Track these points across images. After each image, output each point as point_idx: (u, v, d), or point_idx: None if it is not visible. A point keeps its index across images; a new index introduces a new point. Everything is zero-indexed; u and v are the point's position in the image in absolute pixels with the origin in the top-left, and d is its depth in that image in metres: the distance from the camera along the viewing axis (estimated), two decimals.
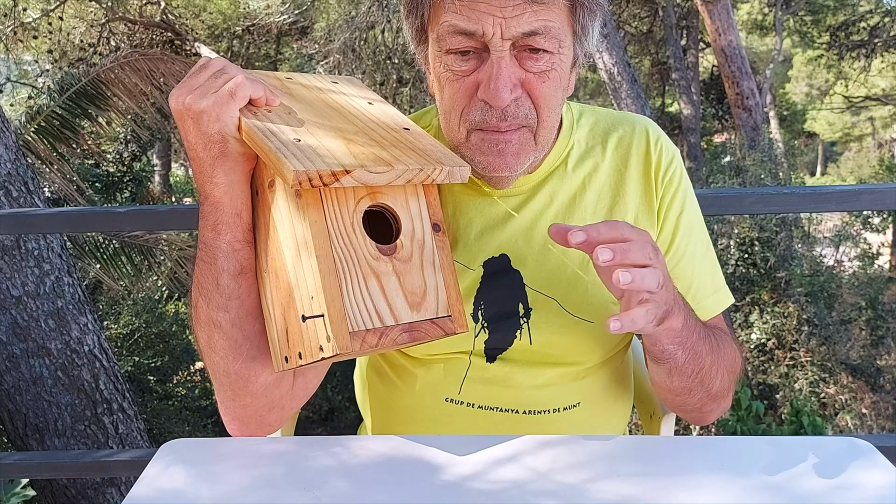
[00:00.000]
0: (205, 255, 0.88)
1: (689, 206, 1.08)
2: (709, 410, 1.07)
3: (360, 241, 0.83)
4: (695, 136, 12.16)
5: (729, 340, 1.07)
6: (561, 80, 0.96)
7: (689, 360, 0.96)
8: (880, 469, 0.83)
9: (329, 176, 0.77)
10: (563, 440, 0.93)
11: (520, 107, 0.93)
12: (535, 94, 0.94)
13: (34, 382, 3.11)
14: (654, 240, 1.04)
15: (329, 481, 0.83)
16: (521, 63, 0.92)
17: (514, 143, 0.95)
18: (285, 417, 1.01)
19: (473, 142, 0.96)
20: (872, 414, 7.78)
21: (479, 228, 1.05)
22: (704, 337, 0.98)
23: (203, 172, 0.85)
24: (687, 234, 1.07)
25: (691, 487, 0.80)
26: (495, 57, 0.90)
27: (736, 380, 1.07)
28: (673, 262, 1.06)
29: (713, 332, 1.04)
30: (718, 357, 1.01)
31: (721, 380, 1.02)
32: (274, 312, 0.86)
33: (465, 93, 0.94)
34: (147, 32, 10.80)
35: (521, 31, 0.89)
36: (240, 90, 0.82)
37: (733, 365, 1.05)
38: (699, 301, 1.07)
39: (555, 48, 0.92)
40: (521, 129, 0.95)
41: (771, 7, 14.11)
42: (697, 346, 0.96)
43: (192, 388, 7.41)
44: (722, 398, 1.05)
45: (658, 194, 1.05)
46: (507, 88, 0.90)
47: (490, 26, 0.88)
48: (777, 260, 8.01)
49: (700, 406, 1.05)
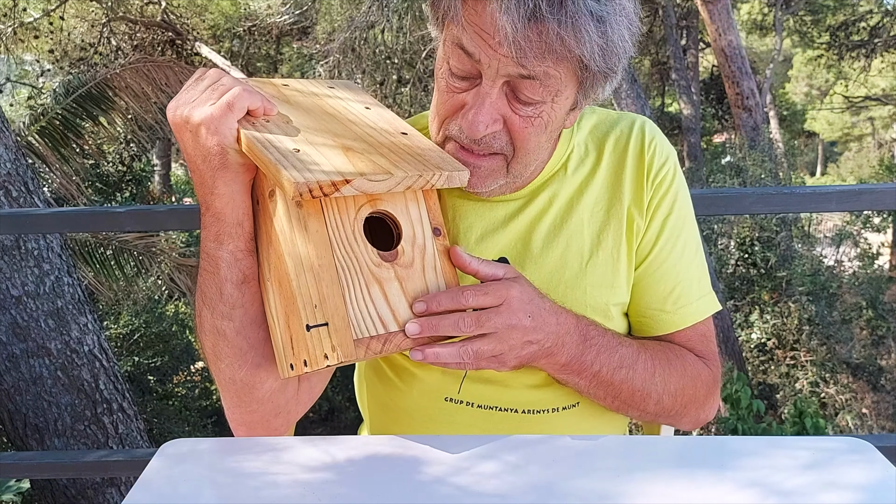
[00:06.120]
0: (207, 265, 0.88)
1: (678, 209, 1.06)
2: (670, 422, 1.06)
3: (361, 248, 0.83)
4: (695, 136, 12.15)
5: (687, 359, 1.05)
6: (547, 126, 0.94)
7: (595, 387, 0.98)
8: (880, 469, 0.83)
9: (329, 186, 0.77)
10: (562, 440, 0.93)
11: (495, 139, 0.93)
12: (515, 134, 0.93)
13: (34, 382, 3.11)
14: (640, 239, 1.05)
15: (329, 481, 0.83)
16: (510, 100, 0.91)
17: (484, 169, 0.96)
18: (291, 421, 1.01)
19: (448, 150, 0.96)
20: (872, 414, 7.78)
21: (479, 233, 1.05)
22: (626, 365, 0.97)
23: (203, 184, 0.85)
24: (673, 236, 1.06)
25: (691, 487, 0.80)
26: (483, 91, 0.89)
27: (701, 397, 1.05)
28: (655, 265, 1.05)
29: (659, 353, 1.02)
30: (652, 380, 0.99)
31: (660, 402, 1.01)
32: (278, 320, 0.86)
33: (451, 106, 0.94)
34: (148, 32, 10.81)
35: (517, 73, 0.87)
36: (237, 101, 0.82)
37: (685, 387, 1.03)
38: (681, 305, 1.06)
39: (548, 98, 0.90)
40: (493, 156, 0.95)
41: (771, 7, 14.11)
42: (607, 376, 0.96)
43: (192, 388, 7.41)
44: (671, 416, 1.04)
45: (648, 195, 1.05)
46: (484, 124, 0.90)
47: (487, 58, 0.87)
48: (777, 260, 8.01)
49: (651, 419, 1.05)
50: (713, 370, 1.07)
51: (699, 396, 1.05)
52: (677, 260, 1.06)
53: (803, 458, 0.86)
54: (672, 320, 1.06)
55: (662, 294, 1.06)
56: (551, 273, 1.03)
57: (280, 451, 0.90)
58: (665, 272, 1.06)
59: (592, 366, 0.95)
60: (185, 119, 0.83)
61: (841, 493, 0.79)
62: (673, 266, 1.06)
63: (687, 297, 1.06)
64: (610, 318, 1.04)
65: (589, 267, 1.04)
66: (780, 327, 8.01)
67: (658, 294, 1.06)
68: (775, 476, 0.82)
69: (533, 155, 0.97)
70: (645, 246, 1.05)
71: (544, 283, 1.03)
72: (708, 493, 0.79)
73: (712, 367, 1.07)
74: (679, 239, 1.06)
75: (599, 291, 1.04)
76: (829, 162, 28.82)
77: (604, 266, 1.04)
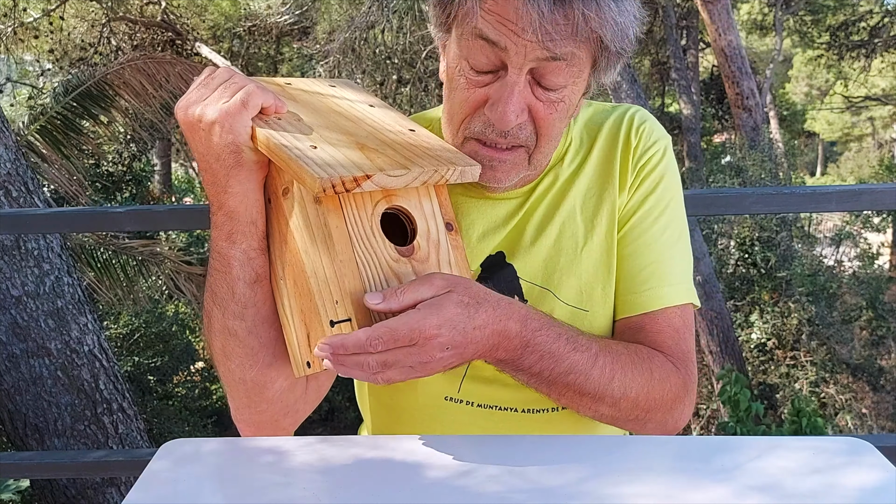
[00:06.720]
0: (219, 264, 0.88)
1: (661, 190, 1.04)
2: (633, 427, 1.01)
3: (379, 243, 0.84)
4: (695, 136, 12.14)
5: (654, 362, 0.98)
6: (568, 110, 0.95)
7: (536, 385, 0.92)
8: (880, 469, 0.83)
9: (351, 181, 0.77)
10: (563, 439, 0.93)
11: (521, 130, 0.93)
12: (539, 122, 0.93)
13: (34, 382, 3.11)
14: (619, 214, 1.03)
15: (329, 481, 0.83)
16: (533, 89, 0.91)
17: (508, 163, 0.95)
18: (299, 420, 1.01)
19: (467, 150, 0.96)
20: (872, 414, 7.79)
21: (480, 231, 1.05)
22: (577, 371, 0.91)
23: (216, 183, 0.84)
24: (651, 216, 1.03)
25: (691, 487, 0.80)
26: (511, 80, 0.89)
27: (668, 402, 0.98)
28: (627, 240, 1.03)
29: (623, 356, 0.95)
30: (609, 385, 0.93)
31: (616, 406, 0.94)
32: (293, 318, 0.86)
33: (472, 103, 0.93)
34: (148, 32, 10.81)
35: (546, 55, 0.87)
36: (252, 99, 0.82)
37: (649, 392, 0.96)
38: (650, 287, 1.02)
39: (571, 80, 0.91)
40: (518, 150, 0.95)
41: (771, 7, 14.11)
42: (549, 378, 0.90)
43: (192, 388, 7.42)
44: (633, 421, 0.98)
45: (632, 175, 1.04)
46: (514, 114, 0.90)
47: (514, 45, 0.87)
48: (777, 260, 8.01)
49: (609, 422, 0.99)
50: (683, 373, 1.00)
51: (666, 401, 0.98)
52: (652, 241, 1.03)
53: (803, 458, 0.86)
54: (638, 301, 1.02)
55: (631, 272, 1.03)
56: (546, 260, 1.03)
57: (280, 451, 0.90)
58: (636, 250, 1.03)
59: (531, 368, 0.90)
60: (197, 118, 0.82)
61: (841, 494, 0.79)
62: (646, 245, 1.03)
63: (658, 280, 1.02)
64: (608, 303, 1.04)
65: (584, 253, 1.03)
66: (780, 327, 8.01)
67: (627, 271, 1.03)
68: (775, 476, 0.82)
69: (554, 142, 0.98)
70: (621, 220, 1.04)
71: (538, 272, 1.03)
72: (708, 494, 0.79)
73: (682, 370, 1.00)
74: (658, 220, 1.04)
75: (595, 277, 1.03)
76: (829, 162, 28.82)
77: (599, 251, 1.04)
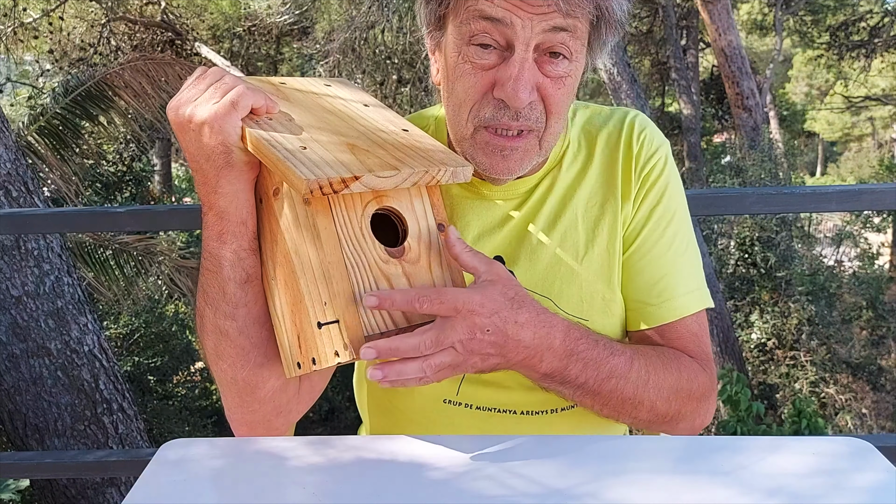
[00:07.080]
0: (210, 264, 0.88)
1: (667, 199, 1.05)
2: (665, 429, 1.03)
3: (369, 245, 0.83)
4: (695, 136, 12.14)
5: (682, 363, 1.02)
6: (574, 86, 0.95)
7: (581, 396, 0.94)
8: (880, 469, 0.83)
9: (339, 183, 0.77)
10: (561, 441, 0.93)
11: (532, 110, 0.93)
12: (548, 100, 0.93)
13: (34, 382, 3.11)
14: (626, 229, 1.04)
15: (328, 481, 0.83)
16: (541, 67, 0.92)
17: (520, 150, 0.96)
18: (292, 421, 1.01)
19: (479, 140, 0.96)
20: (872, 414, 7.79)
21: (476, 232, 1.04)
22: (618, 375, 0.93)
23: (207, 183, 0.84)
24: (659, 227, 1.04)
25: (691, 487, 0.80)
26: (518, 57, 0.89)
27: (697, 401, 1.02)
28: (639, 255, 1.04)
29: (655, 359, 0.98)
30: (645, 388, 0.96)
31: (654, 409, 0.97)
32: (284, 319, 0.86)
33: (479, 88, 0.93)
34: (147, 32, 10.80)
35: (551, 26, 0.88)
36: (241, 100, 0.82)
37: (679, 392, 0.99)
38: (666, 298, 1.03)
39: (575, 53, 0.92)
40: (528, 136, 0.95)
41: (771, 7, 14.11)
42: (594, 387, 0.93)
43: (192, 388, 7.42)
44: (666, 422, 1.01)
45: (636, 185, 1.04)
46: (526, 90, 0.90)
47: (519, 20, 0.88)
48: (777, 260, 8.01)
49: (645, 426, 1.02)
50: (709, 373, 1.04)
51: (695, 399, 1.02)
52: (663, 252, 1.04)
53: (803, 458, 0.86)
54: (657, 313, 1.04)
55: (646, 285, 1.04)
56: (546, 269, 1.03)
57: (280, 451, 0.90)
58: (649, 263, 1.04)
59: (577, 378, 0.92)
60: (188, 118, 0.82)
61: (841, 494, 0.79)
62: (658, 257, 1.04)
63: (673, 291, 1.03)
64: (609, 313, 1.04)
65: (585, 262, 1.03)
66: (779, 327, 8.01)
67: (642, 285, 1.04)
68: (775, 476, 0.82)
69: (561, 122, 0.98)
70: (630, 235, 1.04)
71: (539, 280, 1.02)
72: (708, 494, 0.78)
73: (707, 370, 1.04)
74: (667, 231, 1.05)
75: (596, 287, 1.03)
76: (829, 162, 28.81)
77: (600, 261, 1.04)
